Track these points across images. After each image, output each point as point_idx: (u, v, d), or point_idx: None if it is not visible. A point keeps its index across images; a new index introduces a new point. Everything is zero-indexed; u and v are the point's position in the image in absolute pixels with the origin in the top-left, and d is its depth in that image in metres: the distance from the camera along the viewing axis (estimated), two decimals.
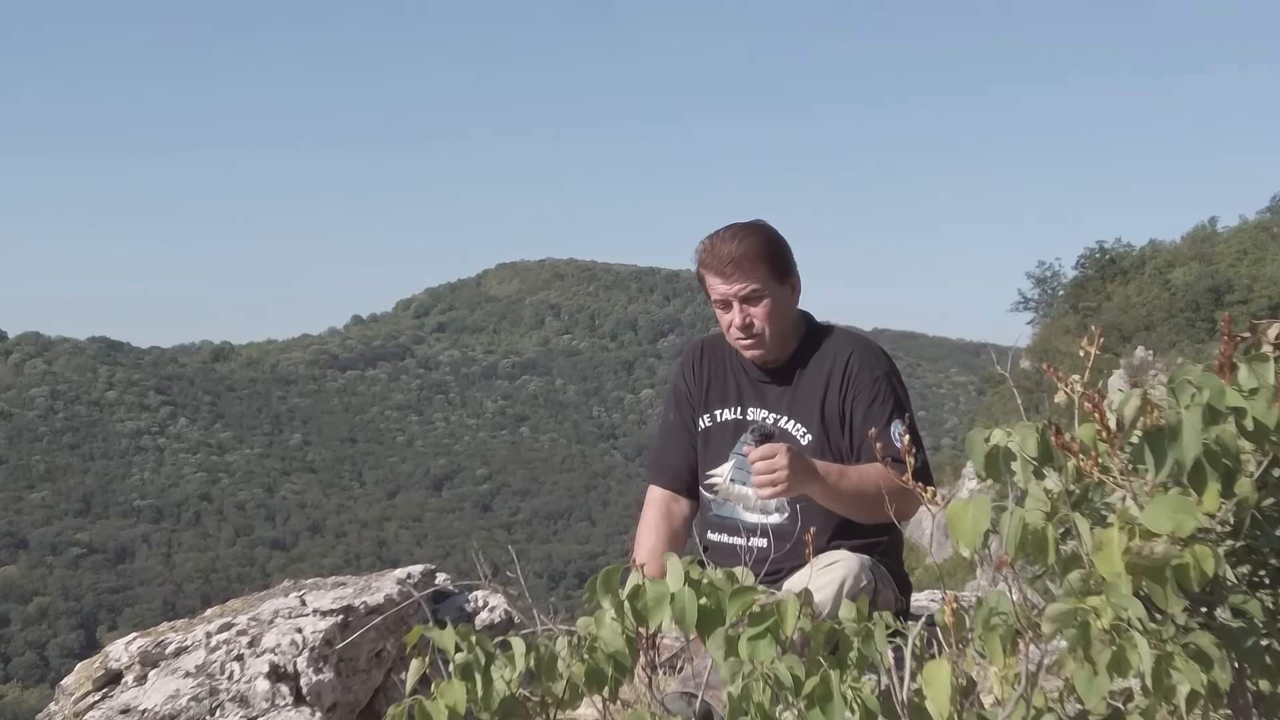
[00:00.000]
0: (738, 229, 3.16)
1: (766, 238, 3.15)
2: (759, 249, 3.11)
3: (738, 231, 3.14)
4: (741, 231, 3.14)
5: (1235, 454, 1.51)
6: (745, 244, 3.10)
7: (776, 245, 3.17)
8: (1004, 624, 1.60)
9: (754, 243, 3.11)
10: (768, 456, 2.86)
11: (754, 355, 3.21)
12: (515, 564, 2.49)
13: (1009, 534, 1.56)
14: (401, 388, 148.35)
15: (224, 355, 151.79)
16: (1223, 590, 1.58)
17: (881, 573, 3.03)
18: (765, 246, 3.13)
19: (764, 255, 3.11)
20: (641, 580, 1.79)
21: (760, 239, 3.13)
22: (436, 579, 4.22)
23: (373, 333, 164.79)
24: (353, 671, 3.71)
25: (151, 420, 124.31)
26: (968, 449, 1.69)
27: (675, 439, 3.39)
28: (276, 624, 3.67)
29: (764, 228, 3.19)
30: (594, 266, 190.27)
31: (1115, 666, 1.47)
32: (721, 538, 3.25)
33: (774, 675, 1.65)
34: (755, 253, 3.10)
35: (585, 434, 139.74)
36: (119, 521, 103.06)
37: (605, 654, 1.81)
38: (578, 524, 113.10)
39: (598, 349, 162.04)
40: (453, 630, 1.84)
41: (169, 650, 3.62)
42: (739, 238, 3.12)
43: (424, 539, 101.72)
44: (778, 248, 3.17)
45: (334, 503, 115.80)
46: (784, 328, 3.18)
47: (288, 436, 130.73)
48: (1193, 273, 47.76)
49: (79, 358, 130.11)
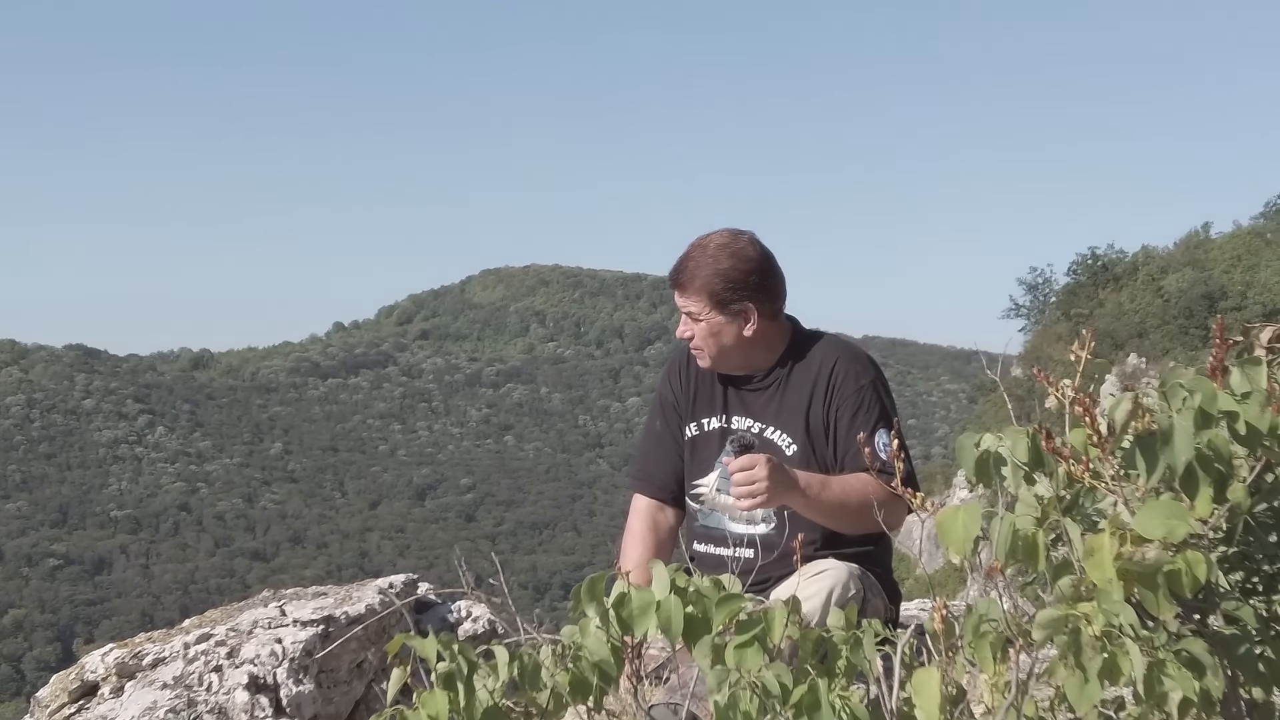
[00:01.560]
0: (710, 248, 3.13)
1: (720, 269, 3.09)
2: (706, 279, 3.09)
3: (701, 251, 3.13)
4: (703, 250, 3.13)
5: (1228, 458, 1.50)
6: (694, 265, 3.11)
7: (727, 279, 3.10)
8: (994, 631, 1.59)
9: (704, 268, 3.10)
10: (747, 468, 2.86)
11: (701, 365, 3.25)
12: (499, 573, 2.46)
13: (999, 540, 1.55)
14: (384, 396, 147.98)
15: (203, 363, 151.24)
16: (1215, 597, 1.57)
17: (870, 581, 3.02)
18: (712, 279, 3.09)
19: (707, 285, 3.10)
20: (627, 588, 1.77)
21: (713, 270, 3.09)
22: (419, 589, 4.19)
23: (355, 340, 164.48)
24: (333, 682, 3.68)
25: (129, 429, 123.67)
26: (958, 454, 1.67)
27: (661, 447, 3.37)
28: (256, 635, 3.63)
29: (731, 254, 3.11)
30: (580, 272, 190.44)
31: (1107, 674, 1.46)
32: (708, 548, 3.23)
33: (761, 684, 1.63)
34: (701, 282, 3.10)
35: (571, 443, 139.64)
36: (96, 532, 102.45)
37: (590, 663, 1.79)
38: (563, 534, 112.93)
39: (583, 356, 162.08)
40: (435, 639, 1.82)
41: (146, 662, 3.58)
42: (696, 257, 3.12)
43: (407, 550, 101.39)
44: (728, 281, 3.10)
45: (315, 513, 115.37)
46: (725, 349, 3.17)
47: (268, 445, 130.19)
48: (1186, 279, 47.91)
49: (55, 365, 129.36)
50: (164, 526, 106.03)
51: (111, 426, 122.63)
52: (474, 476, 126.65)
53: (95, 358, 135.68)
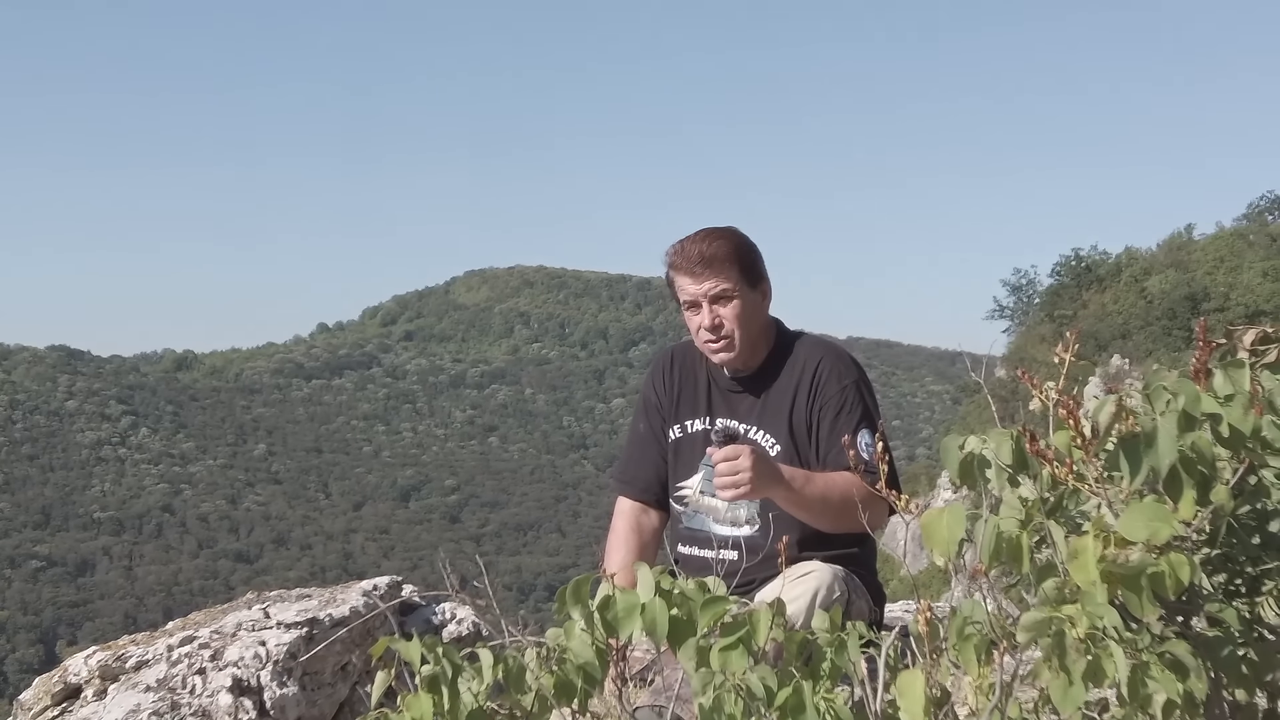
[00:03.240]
0: (709, 231, 3.16)
1: (737, 241, 3.16)
2: (730, 250, 3.11)
3: (709, 234, 3.14)
4: (713, 234, 3.14)
5: (1211, 461, 1.50)
6: (716, 245, 3.10)
7: (748, 249, 3.17)
8: (978, 633, 1.59)
9: (725, 244, 3.11)
10: (731, 457, 2.84)
11: (722, 359, 3.18)
12: (484, 575, 2.45)
13: (984, 542, 1.55)
14: (368, 397, 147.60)
15: (187, 364, 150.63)
16: (1199, 599, 1.58)
17: (855, 583, 3.01)
18: (736, 249, 3.12)
19: (735, 257, 3.10)
20: (612, 590, 1.77)
21: (731, 241, 3.14)
22: (403, 591, 4.18)
23: (339, 341, 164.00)
24: (317, 685, 3.66)
25: (112, 430, 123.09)
26: (942, 456, 1.67)
27: (645, 449, 3.36)
28: (239, 637, 3.62)
29: (735, 232, 3.19)
30: (564, 274, 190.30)
31: (1091, 676, 1.46)
32: (693, 550, 3.22)
33: (746, 686, 1.63)
34: (726, 254, 3.09)
35: (555, 444, 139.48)
36: (79, 534, 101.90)
37: (575, 665, 1.78)
38: (548, 535, 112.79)
39: (568, 358, 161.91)
40: (419, 642, 1.81)
41: (129, 664, 3.56)
42: (710, 239, 3.12)
43: (391, 551, 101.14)
44: (749, 252, 3.16)
45: (299, 514, 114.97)
46: (753, 332, 3.15)
47: (252, 447, 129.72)
48: (1169, 280, 48.10)
49: (38, 366, 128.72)
50: (147, 528, 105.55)
51: (94, 428, 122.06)
52: (458, 478, 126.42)
53: (78, 359, 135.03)
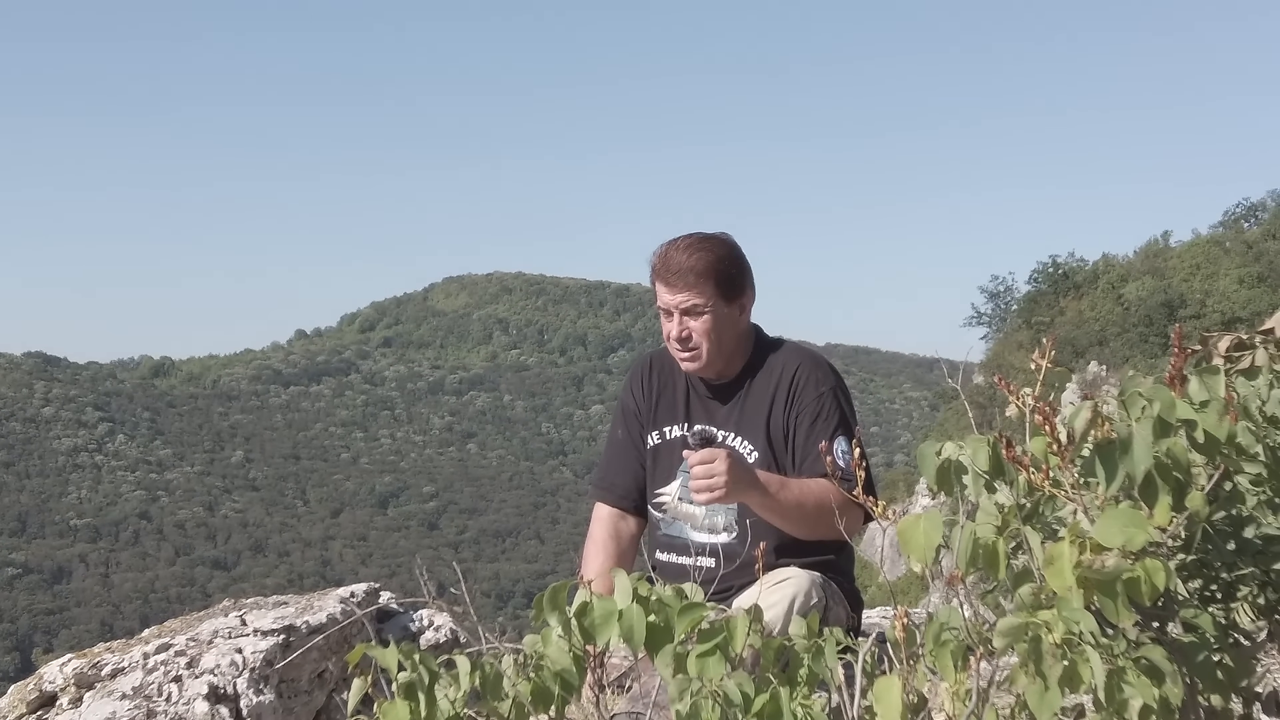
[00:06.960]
0: (696, 240, 3.11)
1: (720, 254, 3.10)
2: (709, 264, 3.07)
3: (695, 243, 3.10)
4: (698, 244, 3.10)
5: (1186, 467, 1.51)
6: (696, 257, 3.06)
7: (730, 262, 3.12)
8: (955, 639, 1.59)
9: (705, 257, 3.07)
10: (707, 461, 2.83)
11: (689, 369, 3.17)
12: (461, 582, 2.44)
13: (960, 548, 1.56)
14: (346, 404, 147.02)
15: (164, 370, 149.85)
16: (1174, 604, 1.58)
17: (832, 590, 3.01)
18: (716, 263, 3.08)
19: (713, 271, 3.07)
20: (589, 597, 1.76)
21: (713, 255, 3.09)
22: (380, 598, 4.15)
23: (317, 348, 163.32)
24: (294, 692, 3.64)
25: (89, 437, 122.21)
26: (919, 462, 1.68)
27: (623, 456, 3.35)
28: (216, 644, 3.59)
29: (722, 243, 3.14)
30: (543, 280, 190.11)
31: (1067, 681, 1.46)
32: (670, 557, 3.21)
33: (723, 693, 1.62)
34: (705, 267, 3.06)
35: (534, 451, 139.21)
36: (55, 541, 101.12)
37: (552, 672, 1.77)
38: (526, 542, 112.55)
39: (547, 364, 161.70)
40: (396, 648, 1.80)
41: (105, 672, 3.53)
42: (693, 250, 3.08)
43: (369, 558, 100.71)
44: (730, 266, 3.12)
45: (277, 521, 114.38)
46: (725, 345, 3.13)
47: (229, 454, 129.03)
48: (1146, 287, 48.35)
49: (14, 373, 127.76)
50: (124, 535, 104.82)
51: (71, 434, 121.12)
52: (436, 484, 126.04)
53: (55, 365, 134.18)
